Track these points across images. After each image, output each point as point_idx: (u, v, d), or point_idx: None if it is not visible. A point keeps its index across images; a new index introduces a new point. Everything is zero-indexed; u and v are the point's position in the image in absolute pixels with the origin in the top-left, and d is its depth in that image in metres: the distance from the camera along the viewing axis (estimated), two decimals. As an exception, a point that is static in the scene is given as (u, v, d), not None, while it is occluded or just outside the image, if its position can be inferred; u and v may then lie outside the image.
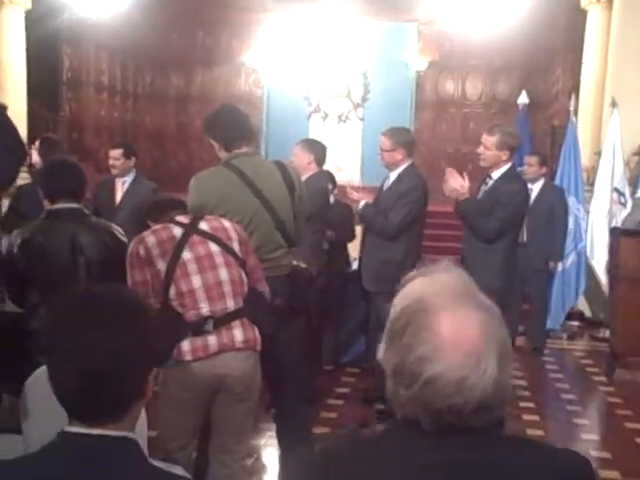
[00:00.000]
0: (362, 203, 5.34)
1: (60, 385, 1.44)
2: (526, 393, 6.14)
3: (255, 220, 3.68)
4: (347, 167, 15.39)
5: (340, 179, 12.93)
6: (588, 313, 8.96)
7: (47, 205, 3.39)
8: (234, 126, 3.84)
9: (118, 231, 3.49)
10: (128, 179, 6.34)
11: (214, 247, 3.18)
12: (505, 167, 4.95)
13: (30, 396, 2.60)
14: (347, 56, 15.75)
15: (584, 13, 10.94)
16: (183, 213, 3.34)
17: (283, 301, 3.71)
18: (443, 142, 15.81)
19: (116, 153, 6.35)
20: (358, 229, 6.50)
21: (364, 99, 15.95)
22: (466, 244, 5.09)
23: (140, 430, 1.67)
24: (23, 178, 6.45)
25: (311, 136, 15.05)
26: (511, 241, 4.98)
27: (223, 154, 3.83)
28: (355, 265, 6.46)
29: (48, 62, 12.96)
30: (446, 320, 1.23)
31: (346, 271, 6.51)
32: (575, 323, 8.86)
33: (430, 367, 1.21)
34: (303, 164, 5.47)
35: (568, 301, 8.49)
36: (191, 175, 3.90)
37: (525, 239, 6.94)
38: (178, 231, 3.16)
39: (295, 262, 4.03)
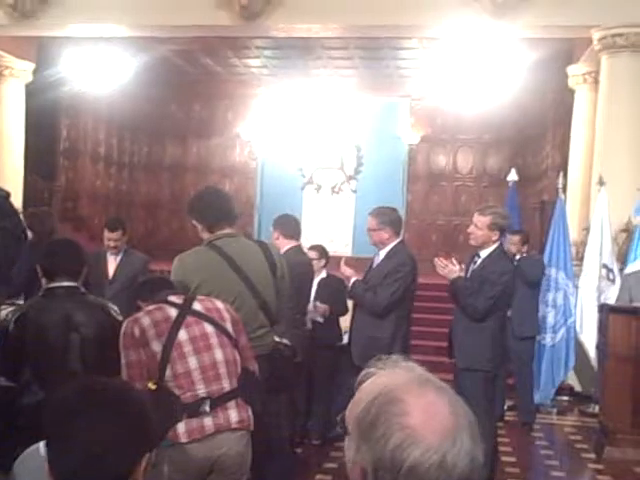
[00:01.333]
0: (352, 280, 5.40)
1: (59, 466, 1.53)
2: (516, 470, 6.11)
3: (238, 300, 3.71)
4: (339, 238, 15.53)
5: (332, 250, 13.07)
6: (578, 387, 8.95)
7: (45, 283, 3.44)
8: (217, 208, 3.92)
9: (114, 310, 3.52)
10: (121, 254, 6.41)
11: (209, 328, 3.20)
12: (494, 246, 5.08)
13: (20, 474, 2.61)
14: (340, 129, 16.05)
15: (572, 92, 11.24)
16: (173, 293, 3.36)
17: (264, 380, 3.74)
18: (435, 214, 16.01)
19: (117, 235, 6.39)
20: (350, 302, 6.55)
21: (357, 171, 16.20)
22: (456, 323, 5.19)
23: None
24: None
25: (304, 207, 15.31)
26: (499, 319, 5.06)
27: (206, 235, 3.89)
28: (346, 338, 6.50)
29: (46, 133, 13.18)
30: (416, 404, 1.26)
31: (338, 345, 6.53)
32: (565, 398, 8.84)
33: (409, 452, 1.21)
34: (275, 242, 5.52)
35: (557, 376, 8.49)
36: (183, 244, 4.00)
37: (509, 313, 6.98)
38: (172, 312, 3.18)
39: (277, 338, 4.07)
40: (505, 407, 7.71)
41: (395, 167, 15.93)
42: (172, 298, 3.28)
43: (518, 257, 7.52)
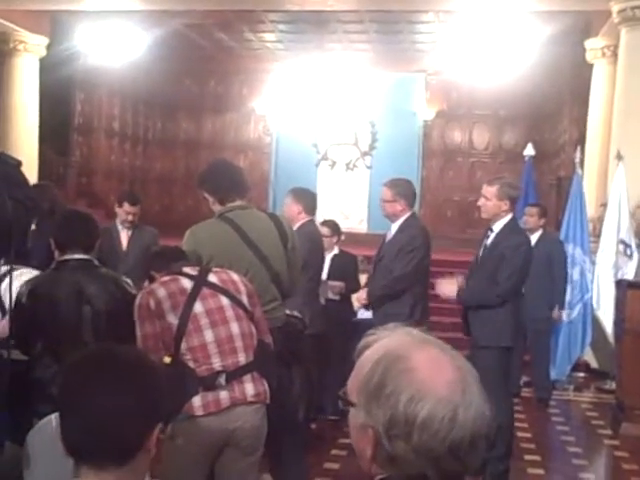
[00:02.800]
0: (363, 296, 5.36)
1: (70, 434, 1.54)
2: (532, 446, 6.09)
3: (250, 273, 3.68)
4: (354, 215, 15.48)
5: (347, 226, 13.04)
6: (594, 364, 8.91)
7: (57, 255, 3.43)
8: (227, 180, 3.89)
9: (127, 282, 3.50)
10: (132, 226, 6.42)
11: (224, 300, 3.17)
12: (506, 218, 4.94)
13: (33, 446, 2.61)
14: (355, 105, 15.94)
15: (590, 66, 11.10)
16: (188, 264, 3.33)
17: (276, 353, 3.73)
18: (450, 190, 15.92)
19: (136, 209, 6.39)
20: (363, 279, 6.52)
21: (372, 147, 16.11)
22: None
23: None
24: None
25: (319, 183, 15.24)
26: (516, 295, 4.98)
27: (217, 207, 3.87)
28: (361, 314, 6.48)
29: (60, 108, 13.17)
30: (421, 360, 1.26)
31: (350, 321, 6.51)
32: (581, 374, 8.81)
33: (421, 406, 1.22)
34: (293, 214, 5.51)
35: (574, 352, 8.45)
36: (199, 220, 3.96)
37: (523, 290, 6.88)
38: (188, 283, 3.15)
39: (288, 311, 4.05)
40: (521, 383, 7.68)
41: (410, 143, 15.82)
42: (187, 269, 3.24)
43: (537, 236, 7.40)
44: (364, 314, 6.25)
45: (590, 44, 10.95)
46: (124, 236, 6.37)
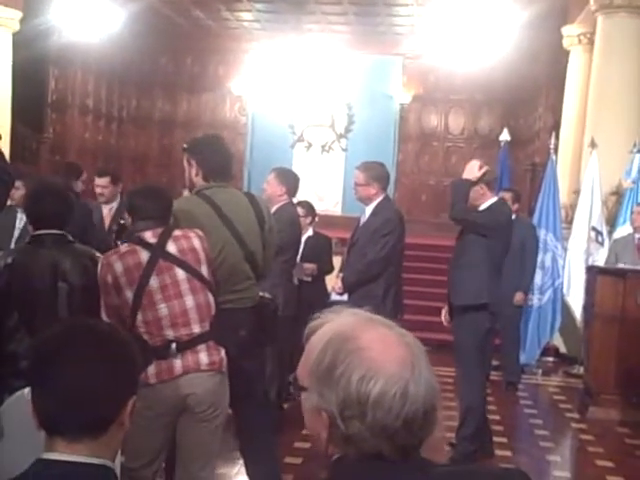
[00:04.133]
0: (339, 284, 5.40)
1: (42, 407, 1.52)
2: (499, 428, 6.16)
3: (225, 250, 3.69)
4: (329, 197, 15.49)
5: (322, 208, 13.04)
6: (563, 349, 9.03)
7: (31, 230, 3.40)
8: (221, 160, 3.88)
9: (100, 257, 3.49)
10: (114, 205, 6.31)
11: (181, 273, 3.19)
12: (491, 201, 5.20)
13: (6, 419, 2.61)
14: (332, 87, 15.91)
15: (566, 53, 11.17)
16: (149, 225, 3.26)
17: (248, 332, 3.74)
18: (425, 174, 15.98)
19: (104, 181, 6.31)
20: (337, 261, 6.54)
21: (348, 130, 16.10)
22: (452, 265, 5.36)
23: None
24: None
25: (294, 165, 15.19)
26: (493, 257, 5.15)
27: (199, 180, 3.85)
28: (334, 296, 6.49)
29: (34, 84, 12.98)
30: (369, 338, 1.28)
31: (323, 302, 6.52)
32: (550, 359, 8.93)
33: (373, 384, 1.23)
34: (275, 194, 5.52)
35: (543, 337, 8.56)
36: (173, 198, 3.92)
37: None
38: (144, 256, 3.16)
39: (260, 293, 4.05)
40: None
41: (386, 126, 15.84)
42: (147, 234, 3.22)
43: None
44: (337, 296, 6.27)
45: (567, 31, 11.02)
46: (105, 212, 6.30)
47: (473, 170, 5.13)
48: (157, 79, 16.36)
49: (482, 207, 5.18)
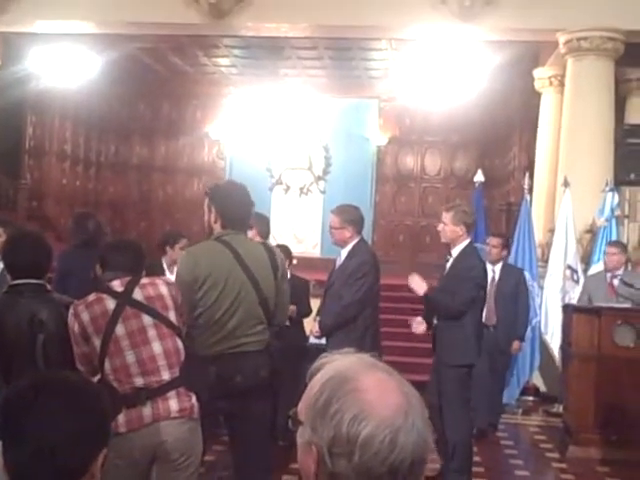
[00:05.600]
0: (316, 328, 5.43)
1: (13, 461, 1.53)
2: (480, 469, 6.14)
3: (242, 294, 3.78)
4: (308, 239, 15.52)
5: (301, 250, 13.07)
6: (543, 388, 9.03)
7: (9, 279, 3.40)
8: (243, 212, 4.00)
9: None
10: None
11: (147, 320, 3.22)
12: (464, 243, 5.31)
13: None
14: (309, 130, 16.05)
15: (538, 94, 11.36)
16: (116, 276, 3.30)
17: (266, 374, 3.81)
18: (402, 215, 16.08)
19: None
20: (315, 303, 6.54)
21: (325, 172, 16.20)
22: (438, 321, 5.42)
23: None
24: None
25: (273, 208, 15.27)
26: (477, 314, 5.32)
27: (217, 228, 3.94)
28: (312, 339, 6.49)
29: (11, 130, 13.00)
30: (368, 382, 1.29)
31: (302, 346, 6.52)
32: (530, 398, 8.93)
33: (364, 426, 1.24)
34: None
35: (523, 376, 8.56)
36: (151, 244, 3.99)
37: (494, 322, 7.11)
38: (111, 304, 3.19)
39: None
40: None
41: (363, 168, 15.96)
42: (114, 284, 3.25)
43: (499, 267, 7.44)
44: (315, 339, 6.27)
45: (538, 73, 11.22)
46: None
47: (420, 284, 5.31)
48: (135, 125, 16.44)
49: (455, 251, 5.33)
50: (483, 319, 5.69)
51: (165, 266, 6.48)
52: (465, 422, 5.34)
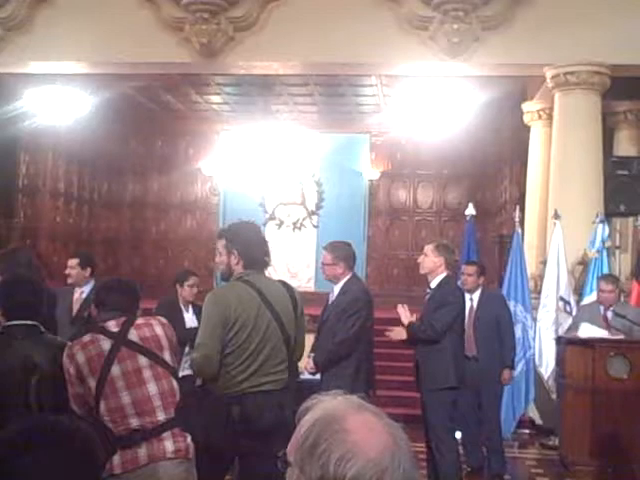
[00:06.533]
0: (310, 364, 5.45)
1: None
2: (477, 504, 6.14)
3: (268, 333, 3.83)
4: (302, 273, 15.54)
5: (295, 285, 13.06)
6: (539, 420, 9.01)
7: (3, 321, 3.41)
8: (262, 253, 4.04)
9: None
10: (86, 289, 6.25)
11: (143, 360, 3.24)
12: (442, 275, 5.57)
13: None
14: (302, 165, 16.15)
15: (528, 128, 11.48)
16: (112, 316, 3.32)
17: (290, 413, 3.81)
18: (395, 249, 16.12)
19: (72, 262, 6.35)
20: (308, 339, 6.53)
21: (318, 207, 16.28)
22: (418, 348, 5.64)
23: None
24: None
25: (266, 243, 15.27)
26: (456, 340, 5.53)
27: (239, 269, 3.97)
28: (304, 375, 6.47)
29: (4, 169, 13.04)
30: (356, 423, 1.31)
31: (294, 381, 6.48)
32: (526, 431, 8.90)
33: (350, 466, 1.25)
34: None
35: (518, 409, 8.53)
36: (146, 280, 4.01)
37: (475, 352, 6.76)
38: (106, 344, 3.21)
39: None
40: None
41: (356, 202, 16.05)
42: (110, 324, 3.27)
43: (477, 295, 7.11)
44: (309, 375, 6.26)
45: (527, 107, 11.34)
46: (77, 298, 6.25)
47: (405, 314, 5.53)
48: (128, 162, 16.52)
49: (434, 282, 5.58)
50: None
51: (181, 305, 6.50)
52: (451, 446, 5.51)
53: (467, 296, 6.66)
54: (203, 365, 3.73)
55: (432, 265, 5.54)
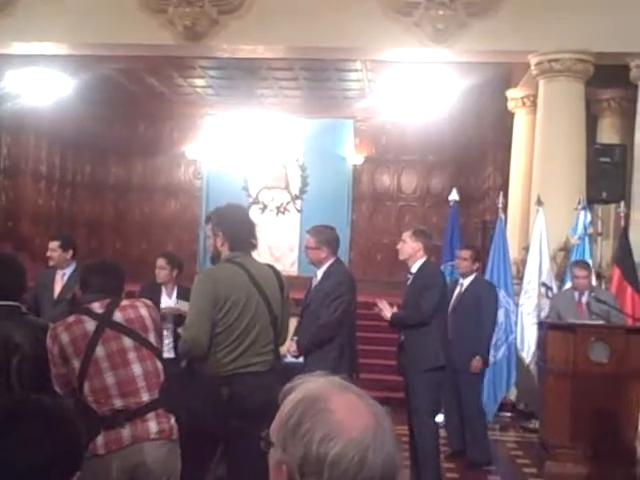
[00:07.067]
0: (293, 347, 5.44)
1: None
2: (458, 486, 6.20)
3: (257, 313, 3.85)
4: (285, 257, 15.56)
5: (279, 269, 13.08)
6: (519, 404, 9.09)
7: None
8: (248, 234, 4.05)
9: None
10: (67, 271, 6.22)
11: (127, 342, 3.25)
12: (422, 260, 5.70)
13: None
14: (286, 149, 16.12)
15: (511, 115, 11.52)
16: (96, 297, 3.33)
17: (276, 394, 3.79)
18: (379, 233, 16.16)
19: (53, 245, 6.31)
20: (292, 322, 6.56)
21: (302, 191, 16.28)
22: (405, 332, 5.73)
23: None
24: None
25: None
26: (440, 321, 5.66)
27: (225, 251, 3.99)
28: (287, 358, 6.50)
29: (-14, 151, 12.95)
30: (338, 401, 1.33)
31: (279, 364, 6.51)
32: (507, 414, 8.99)
33: (333, 445, 1.27)
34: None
35: (499, 392, 8.62)
36: (128, 264, 4.00)
37: (450, 336, 6.22)
38: (91, 325, 3.21)
39: None
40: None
41: (340, 187, 16.06)
42: (94, 306, 3.27)
43: (469, 280, 7.11)
44: (292, 358, 6.30)
45: (511, 94, 11.38)
46: (59, 280, 6.22)
47: (387, 308, 5.66)
48: (111, 144, 16.42)
49: (414, 267, 5.70)
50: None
51: (163, 288, 6.46)
52: (432, 430, 5.63)
53: (459, 280, 7.14)
54: (193, 345, 3.74)
55: (411, 251, 5.67)
